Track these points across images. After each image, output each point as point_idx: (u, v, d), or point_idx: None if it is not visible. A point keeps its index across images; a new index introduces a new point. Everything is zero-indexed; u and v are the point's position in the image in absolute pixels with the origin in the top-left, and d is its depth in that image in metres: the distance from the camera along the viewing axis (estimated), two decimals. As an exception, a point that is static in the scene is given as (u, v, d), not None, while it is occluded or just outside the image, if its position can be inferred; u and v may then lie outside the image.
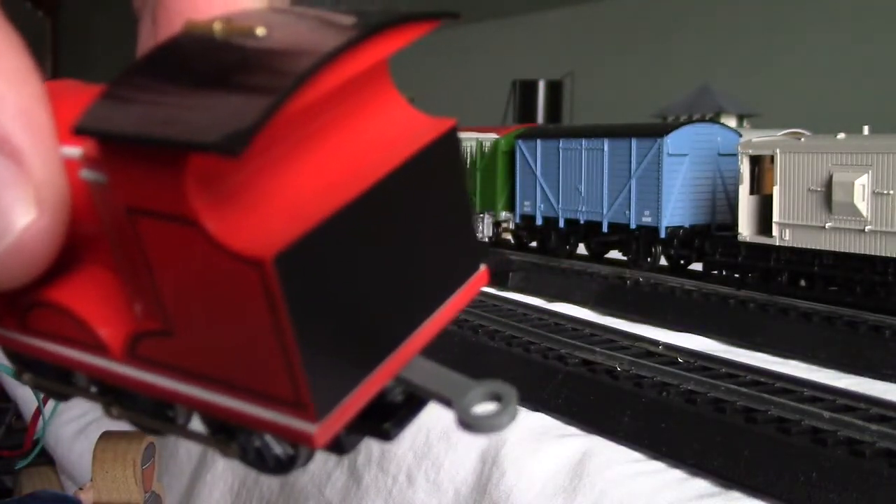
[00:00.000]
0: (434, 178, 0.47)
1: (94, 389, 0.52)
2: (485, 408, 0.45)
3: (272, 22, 0.42)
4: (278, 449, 0.48)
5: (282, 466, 0.48)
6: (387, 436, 0.49)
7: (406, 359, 0.47)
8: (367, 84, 0.45)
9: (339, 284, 0.42)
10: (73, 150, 0.44)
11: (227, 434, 0.48)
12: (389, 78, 0.48)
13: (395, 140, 0.45)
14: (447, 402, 0.47)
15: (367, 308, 0.44)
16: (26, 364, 0.54)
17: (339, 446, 0.49)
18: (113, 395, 0.51)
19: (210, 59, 0.41)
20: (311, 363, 0.41)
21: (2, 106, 0.43)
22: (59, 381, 0.53)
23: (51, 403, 2.54)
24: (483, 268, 0.51)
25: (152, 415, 0.50)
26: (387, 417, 0.49)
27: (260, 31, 0.41)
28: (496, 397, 0.45)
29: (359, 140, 0.45)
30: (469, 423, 0.44)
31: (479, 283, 0.51)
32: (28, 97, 0.45)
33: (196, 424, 0.50)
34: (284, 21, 0.43)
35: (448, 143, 0.47)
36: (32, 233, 0.43)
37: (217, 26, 0.41)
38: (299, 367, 0.40)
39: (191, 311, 0.43)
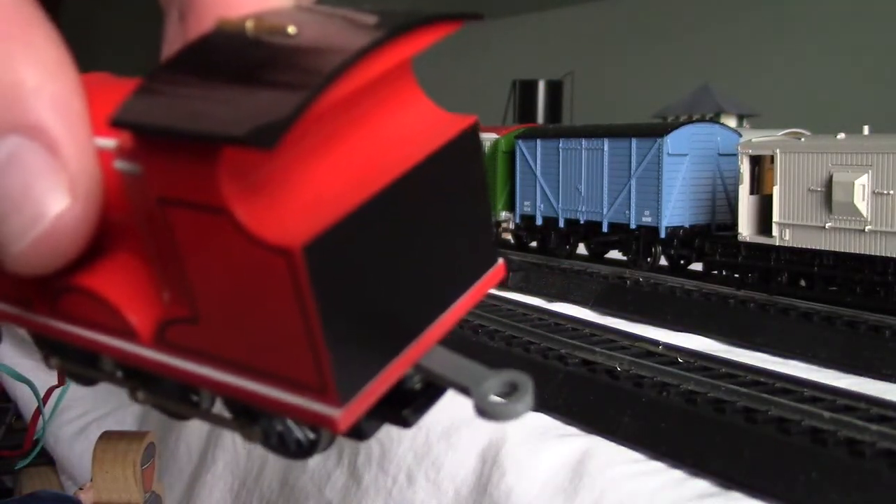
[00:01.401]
0: (455, 173, 0.49)
1: (119, 374, 0.53)
2: (501, 396, 0.47)
3: (302, 20, 0.43)
4: (300, 433, 0.50)
5: (303, 451, 0.49)
6: (405, 422, 0.51)
7: (426, 348, 0.48)
8: (392, 81, 0.47)
9: (363, 274, 0.43)
10: (107, 142, 0.45)
11: (249, 418, 0.49)
12: (413, 75, 0.49)
13: (418, 136, 0.47)
14: (465, 391, 0.49)
15: (389, 297, 0.45)
16: (53, 348, 0.55)
17: (359, 432, 0.50)
18: (138, 379, 0.52)
19: (243, 56, 0.43)
20: (336, 350, 0.42)
21: (39, 96, 0.44)
22: (85, 366, 0.54)
23: (51, 403, 2.54)
24: (500, 261, 0.52)
25: (177, 399, 0.52)
26: (406, 404, 0.51)
27: (291, 29, 0.42)
28: (512, 386, 0.47)
29: (383, 135, 0.46)
30: (486, 411, 0.46)
31: (496, 277, 0.53)
32: (64, 88, 0.45)
33: (219, 408, 0.51)
34: (313, 20, 0.45)
35: (469, 140, 0.49)
36: (65, 220, 0.45)
37: (249, 24, 0.43)
38: (324, 353, 0.41)
39: (219, 298, 0.44)
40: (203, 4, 0.52)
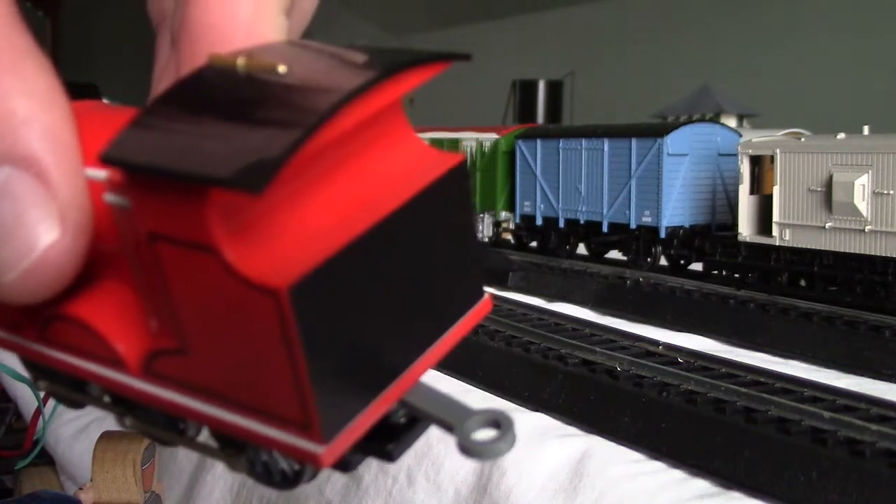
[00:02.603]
0: (442, 210, 0.49)
1: (107, 399, 0.53)
2: (484, 434, 0.47)
3: (292, 57, 0.44)
4: (284, 464, 0.50)
5: (287, 481, 0.49)
6: (389, 457, 0.51)
7: (410, 384, 0.48)
8: (382, 120, 0.47)
9: (349, 313, 0.44)
10: (98, 173, 0.45)
11: (235, 448, 0.50)
12: (402, 113, 0.50)
13: (406, 174, 0.47)
14: (448, 428, 0.48)
15: (375, 335, 0.45)
16: (43, 372, 0.56)
17: (344, 465, 0.50)
18: (126, 406, 0.52)
19: (234, 94, 0.43)
20: (320, 388, 0.42)
21: (30, 127, 0.45)
22: (74, 390, 0.54)
23: (51, 403, 2.54)
24: (486, 297, 0.52)
25: (164, 427, 0.52)
26: (390, 438, 0.51)
27: (281, 68, 0.42)
28: (495, 424, 0.47)
29: (372, 174, 0.47)
30: (469, 449, 0.46)
31: (482, 312, 0.53)
32: (55, 119, 0.46)
33: (206, 437, 0.51)
34: (304, 57, 0.45)
35: (456, 178, 0.49)
36: (55, 251, 0.45)
37: (240, 61, 0.43)
38: (309, 391, 0.42)
39: (206, 333, 0.44)
40: (195, 33, 0.52)
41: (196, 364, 0.46)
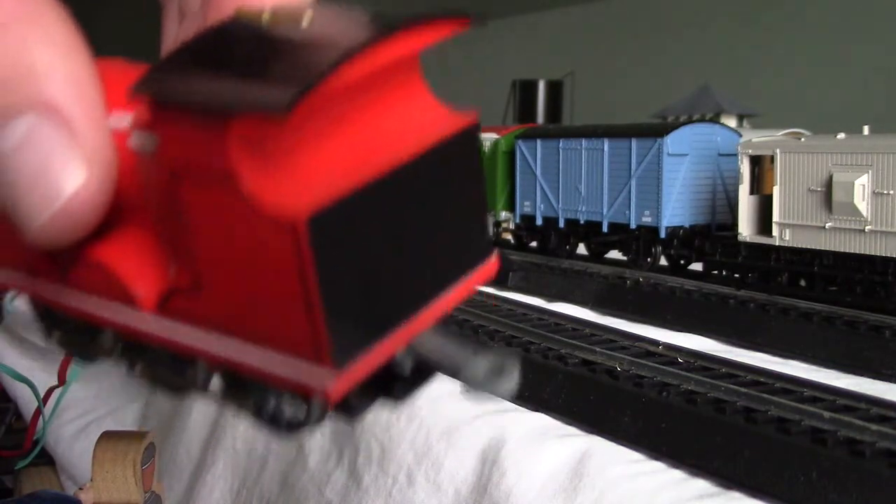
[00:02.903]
0: (454, 166, 0.52)
1: (119, 348, 0.55)
2: (489, 376, 0.51)
3: (315, 15, 0.47)
4: (290, 409, 0.51)
5: (293, 426, 0.51)
6: (396, 397, 0.53)
7: (418, 330, 0.51)
8: (400, 74, 0.50)
9: (361, 250, 0.46)
10: (120, 121, 0.48)
11: (243, 391, 0.51)
12: (419, 72, 0.52)
13: (421, 128, 0.50)
14: (454, 371, 0.51)
15: (386, 276, 0.48)
16: (57, 323, 0.57)
17: (349, 408, 0.51)
18: (137, 354, 0.54)
19: (258, 40, 0.46)
20: (333, 318, 0.45)
21: (52, 75, 0.46)
22: (86, 341, 0.56)
23: (51, 403, 2.54)
24: (494, 256, 0.55)
25: (173, 373, 0.53)
26: (395, 390, 0.53)
27: (305, 20, 0.45)
28: (500, 366, 0.51)
29: (388, 124, 0.50)
30: (473, 390, 0.50)
31: (489, 270, 0.56)
32: (77, 67, 0.47)
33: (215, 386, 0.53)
34: (326, 15, 0.48)
35: (468, 137, 0.52)
36: (81, 197, 0.46)
37: (266, 15, 0.46)
38: (321, 320, 0.44)
39: (223, 267, 0.47)
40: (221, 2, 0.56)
41: (211, 301, 0.48)
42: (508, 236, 2.51)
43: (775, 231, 1.75)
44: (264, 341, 0.47)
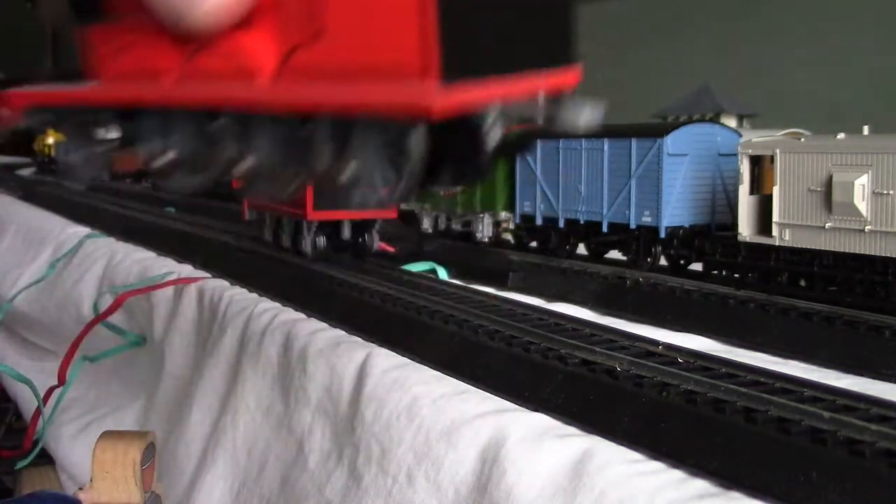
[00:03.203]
0: None
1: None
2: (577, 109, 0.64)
3: None
4: (385, 172, 0.57)
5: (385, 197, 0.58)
6: (474, 168, 0.60)
7: (513, 93, 0.58)
8: None
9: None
10: None
11: (345, 153, 0.58)
12: None
13: None
14: (547, 120, 0.64)
15: (492, 28, 0.55)
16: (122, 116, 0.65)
17: (436, 179, 0.60)
18: (245, 136, 0.61)
19: None
20: (445, 36, 0.51)
21: None
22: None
23: (51, 403, 2.54)
24: (578, 68, 0.67)
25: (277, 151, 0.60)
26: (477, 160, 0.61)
27: None
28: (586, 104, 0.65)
29: None
30: (554, 121, 0.63)
31: (573, 76, 0.66)
32: None
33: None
34: None
35: None
36: None
37: None
38: (434, 33, 0.50)
39: (347, 6, 0.53)
40: None
41: (330, 44, 0.55)
42: (508, 236, 2.51)
43: (775, 231, 1.75)
44: (378, 72, 0.53)
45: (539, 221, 2.35)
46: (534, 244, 2.43)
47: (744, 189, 1.82)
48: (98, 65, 0.65)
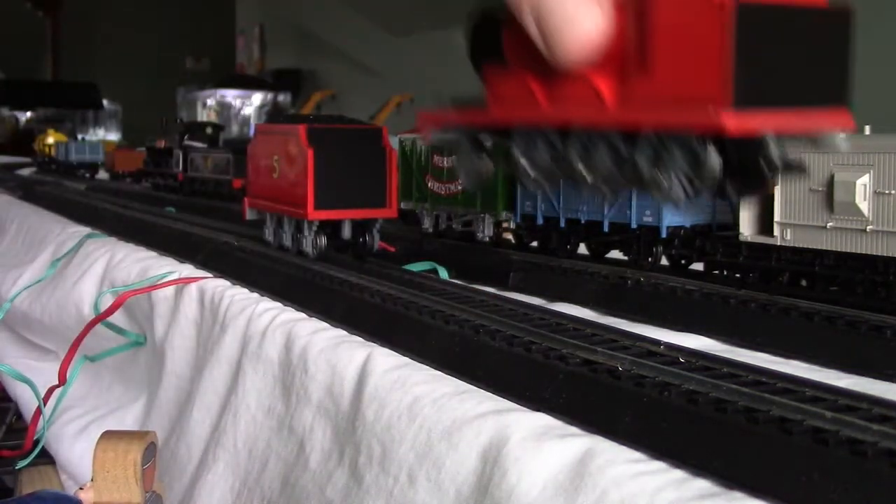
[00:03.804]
0: (833, 31, 0.77)
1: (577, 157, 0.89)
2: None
3: None
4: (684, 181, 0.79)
5: (693, 188, 0.79)
6: (755, 180, 0.82)
7: (791, 127, 0.77)
8: None
9: (764, 41, 0.72)
10: None
11: (660, 167, 0.80)
12: None
13: None
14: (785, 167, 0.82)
15: (777, 68, 0.73)
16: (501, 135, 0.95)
17: (723, 190, 0.81)
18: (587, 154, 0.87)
19: None
20: (738, 74, 0.70)
21: None
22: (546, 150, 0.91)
23: (51, 403, 2.54)
24: (847, 111, 0.84)
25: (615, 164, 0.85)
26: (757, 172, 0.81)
27: None
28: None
29: None
30: (818, 146, 0.87)
31: (843, 118, 0.84)
32: None
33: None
34: None
35: (845, 21, 0.78)
36: (598, 28, 0.77)
37: None
38: (729, 73, 0.69)
39: (668, 51, 0.73)
40: None
41: (654, 81, 0.75)
42: (509, 236, 2.51)
43: (776, 231, 1.75)
44: (689, 101, 0.72)
45: (540, 221, 2.34)
46: (535, 244, 2.42)
47: (745, 189, 1.82)
48: (492, 94, 0.92)
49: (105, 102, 16.79)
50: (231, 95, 15.39)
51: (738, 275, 1.84)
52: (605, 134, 0.86)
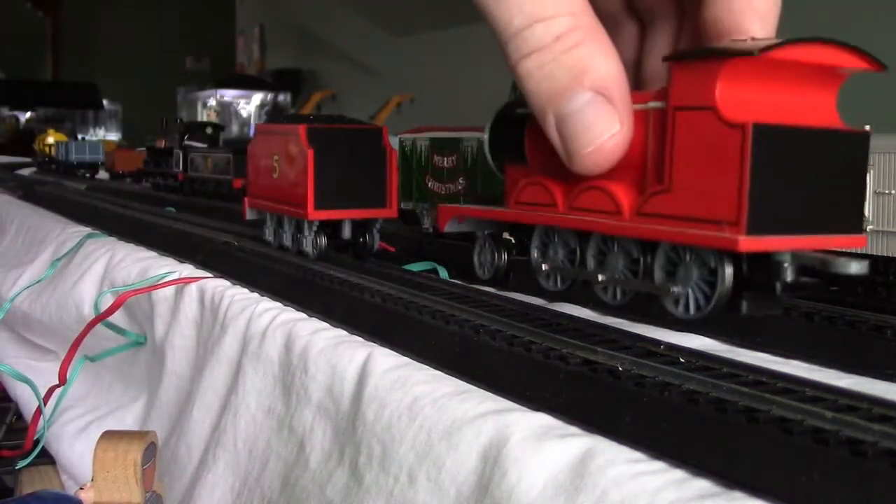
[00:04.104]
0: (849, 156, 0.83)
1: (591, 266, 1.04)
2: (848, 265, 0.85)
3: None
4: (699, 296, 0.89)
5: (699, 308, 0.93)
6: (769, 301, 0.93)
7: (803, 246, 0.83)
8: (825, 80, 0.82)
9: (781, 164, 0.73)
10: (636, 106, 0.85)
11: (670, 280, 0.89)
12: (836, 90, 0.86)
13: (829, 118, 0.83)
14: (824, 266, 0.85)
15: (793, 194, 0.77)
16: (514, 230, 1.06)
17: (737, 306, 0.93)
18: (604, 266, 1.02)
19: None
20: (753, 201, 0.72)
21: (605, 72, 0.83)
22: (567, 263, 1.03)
23: (51, 403, 2.54)
24: (862, 236, 0.89)
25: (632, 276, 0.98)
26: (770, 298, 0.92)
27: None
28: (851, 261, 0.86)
29: (810, 103, 0.80)
30: (829, 268, 0.87)
31: (857, 241, 0.88)
32: (617, 67, 0.83)
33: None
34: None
35: (863, 145, 0.86)
36: (615, 142, 0.82)
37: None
38: (746, 199, 0.73)
39: (687, 170, 0.76)
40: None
41: (673, 197, 0.78)
42: (509, 236, 2.51)
43: (776, 231, 1.75)
44: (706, 219, 0.75)
45: (540, 221, 2.34)
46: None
47: (745, 189, 1.82)
48: (511, 191, 0.99)
49: (105, 102, 16.79)
50: (231, 95, 15.39)
51: (738, 275, 1.84)
52: (622, 240, 0.90)
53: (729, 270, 0.81)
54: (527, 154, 0.98)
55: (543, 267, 0.96)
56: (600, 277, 0.89)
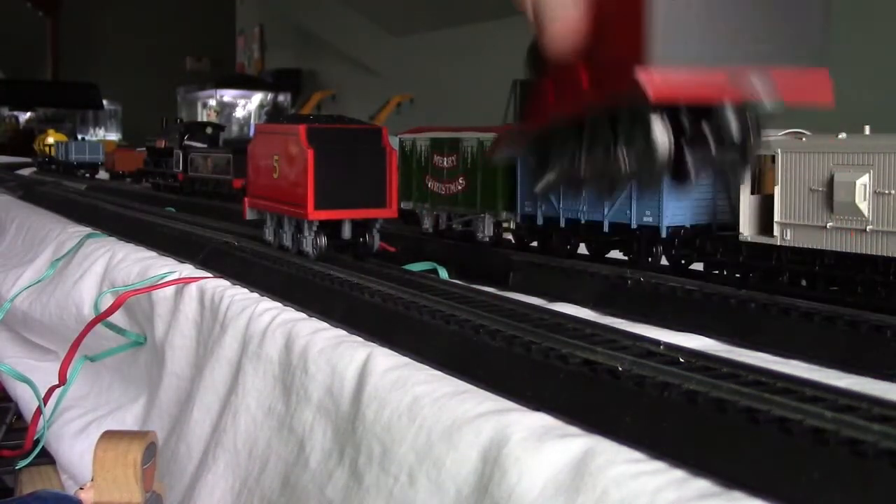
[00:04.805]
0: None
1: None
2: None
3: None
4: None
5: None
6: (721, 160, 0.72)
7: (743, 92, 0.65)
8: None
9: None
10: None
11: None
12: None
13: None
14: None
15: (715, 22, 0.61)
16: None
17: (684, 174, 0.71)
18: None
19: None
20: (657, 24, 0.60)
21: None
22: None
23: (51, 403, 2.54)
24: (825, 70, 0.75)
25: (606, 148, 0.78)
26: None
27: None
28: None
29: None
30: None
31: (823, 85, 0.76)
32: None
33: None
34: None
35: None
36: (573, 18, 0.76)
37: None
38: (646, 23, 0.60)
39: (606, 18, 0.68)
40: None
41: (601, 54, 0.70)
42: (509, 236, 2.51)
43: (776, 231, 1.75)
44: (617, 66, 0.65)
45: (540, 221, 2.34)
46: (535, 244, 2.42)
47: (745, 189, 1.82)
48: (534, 105, 0.90)
49: (105, 102, 16.79)
50: (231, 95, 15.40)
51: (738, 275, 1.84)
52: (598, 122, 0.81)
53: (661, 122, 0.72)
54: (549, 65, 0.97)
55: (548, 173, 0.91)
56: (586, 170, 0.80)
